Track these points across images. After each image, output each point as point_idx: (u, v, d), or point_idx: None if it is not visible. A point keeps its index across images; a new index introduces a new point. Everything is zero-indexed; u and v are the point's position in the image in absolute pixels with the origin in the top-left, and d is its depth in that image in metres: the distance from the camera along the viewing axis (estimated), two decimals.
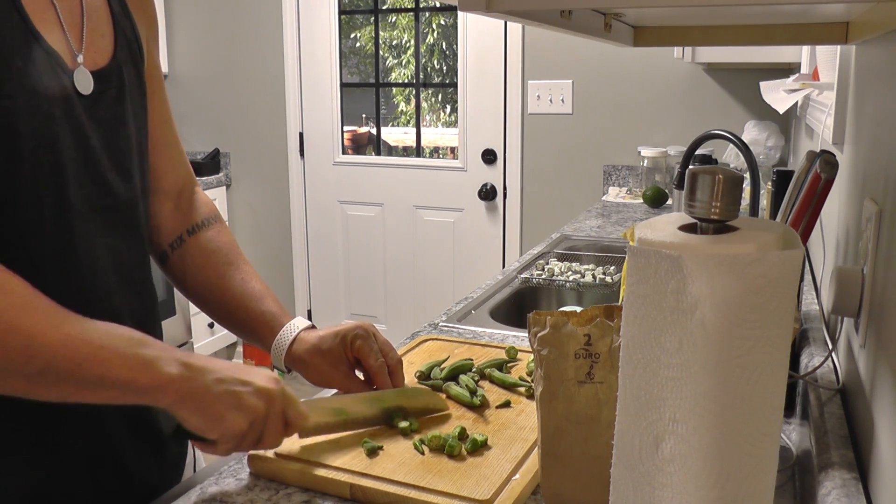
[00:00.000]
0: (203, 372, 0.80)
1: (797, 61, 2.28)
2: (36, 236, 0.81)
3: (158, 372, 0.77)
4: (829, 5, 0.80)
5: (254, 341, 1.05)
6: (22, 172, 0.78)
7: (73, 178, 0.83)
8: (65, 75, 0.82)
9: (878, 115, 0.88)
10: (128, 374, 0.76)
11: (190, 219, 1.06)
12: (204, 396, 0.80)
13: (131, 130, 0.92)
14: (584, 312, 0.75)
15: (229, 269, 1.04)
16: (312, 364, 1.01)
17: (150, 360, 0.78)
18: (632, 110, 3.10)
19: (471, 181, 3.42)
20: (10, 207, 0.78)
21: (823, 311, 1.18)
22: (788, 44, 1.19)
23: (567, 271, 1.84)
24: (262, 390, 0.83)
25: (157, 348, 0.79)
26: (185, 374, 0.79)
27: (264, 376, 0.84)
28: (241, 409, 0.81)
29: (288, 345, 1.01)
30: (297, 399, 0.87)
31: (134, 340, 0.79)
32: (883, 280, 0.76)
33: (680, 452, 0.51)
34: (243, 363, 0.78)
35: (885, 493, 0.67)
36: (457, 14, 3.39)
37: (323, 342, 1.01)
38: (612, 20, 0.94)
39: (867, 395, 0.79)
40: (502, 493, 0.81)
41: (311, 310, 3.84)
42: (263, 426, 0.83)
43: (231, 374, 0.82)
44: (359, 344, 1.00)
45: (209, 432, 0.81)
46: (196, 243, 1.05)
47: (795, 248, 0.51)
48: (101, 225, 0.87)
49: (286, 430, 0.86)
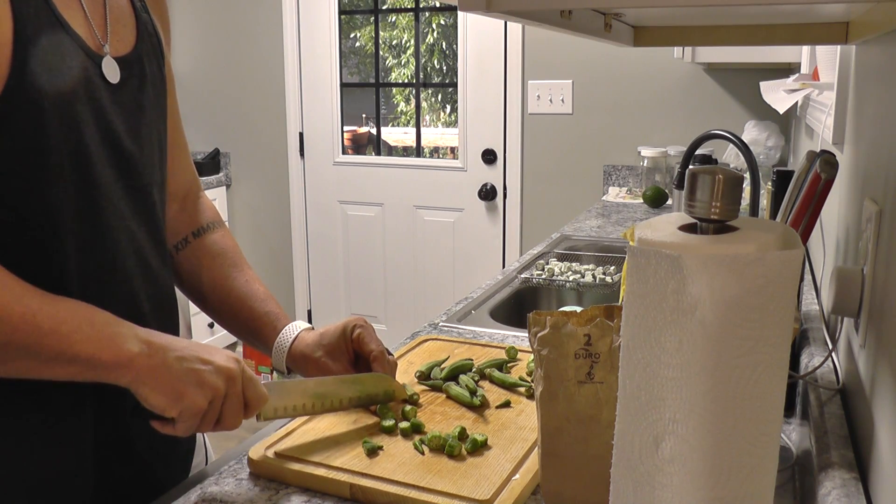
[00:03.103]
0: (164, 349, 0.81)
1: (797, 61, 2.28)
2: (60, 212, 0.81)
3: (120, 349, 0.78)
4: (829, 5, 0.80)
5: (255, 341, 1.06)
6: (47, 148, 0.79)
7: (97, 158, 0.84)
8: (89, 61, 0.83)
9: (878, 115, 0.88)
10: (90, 350, 0.77)
11: (195, 221, 1.09)
12: (164, 374, 0.80)
13: (152, 119, 0.94)
14: (584, 312, 0.75)
15: (233, 272, 1.06)
16: (314, 358, 1.02)
17: (111, 336, 0.78)
18: (632, 110, 3.10)
19: (471, 181, 3.42)
20: (36, 183, 0.79)
21: (823, 311, 1.18)
22: (788, 44, 1.19)
23: (567, 271, 1.84)
24: (222, 369, 0.83)
25: (119, 325, 0.80)
26: (147, 352, 0.79)
27: (225, 355, 0.85)
28: (201, 386, 0.81)
29: (290, 343, 1.03)
30: (258, 380, 0.87)
31: (97, 317, 0.80)
32: (883, 280, 0.76)
33: (680, 452, 0.51)
34: (242, 357, 0.79)
35: (885, 493, 0.67)
36: (457, 14, 3.39)
37: (324, 337, 1.03)
38: (612, 20, 0.94)
39: (867, 395, 0.79)
40: (502, 493, 0.81)
41: (310, 310, 3.84)
42: (222, 405, 0.84)
43: (192, 353, 0.82)
44: (359, 332, 1.02)
45: (168, 410, 0.81)
46: (201, 245, 1.07)
47: (795, 248, 0.51)
48: (122, 207, 0.89)
49: (245, 410, 0.86)
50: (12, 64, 0.76)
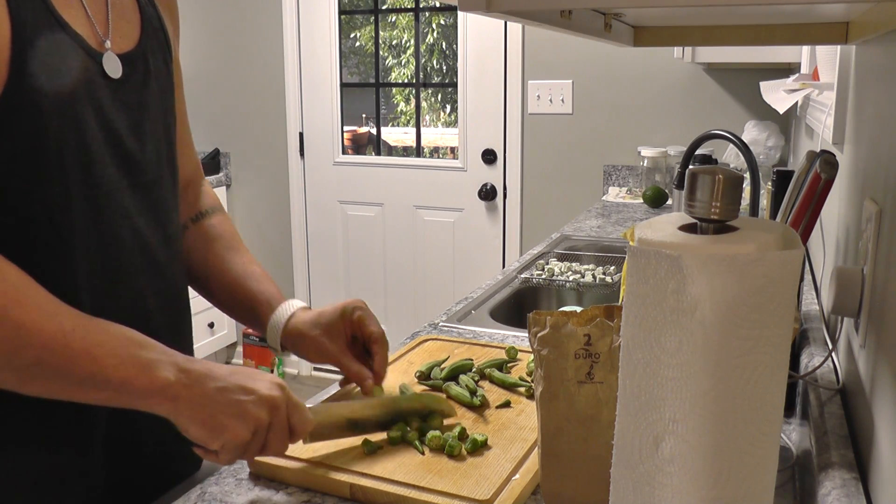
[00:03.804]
0: (204, 379, 0.78)
1: (797, 61, 2.28)
2: (63, 212, 0.81)
3: (154, 375, 0.76)
4: (829, 5, 0.80)
5: (251, 320, 1.06)
6: (48, 149, 0.79)
7: (99, 157, 0.84)
8: (89, 59, 0.83)
9: (878, 115, 0.88)
10: (122, 375, 0.75)
11: (194, 208, 1.10)
12: (204, 405, 0.77)
13: (157, 115, 0.93)
14: (584, 312, 0.75)
15: (230, 254, 1.08)
16: (310, 337, 1.01)
17: (147, 362, 0.76)
18: (632, 110, 3.10)
19: (471, 181, 3.42)
20: (38, 184, 0.79)
21: (823, 311, 1.18)
22: (788, 44, 1.19)
23: (567, 271, 1.84)
24: (265, 399, 0.80)
25: (156, 351, 0.78)
26: (184, 381, 0.77)
27: (269, 383, 0.82)
28: (244, 419, 0.79)
29: (285, 320, 1.02)
30: (303, 405, 0.85)
31: (132, 341, 0.77)
32: (883, 280, 0.76)
33: (680, 452, 0.51)
34: (243, 364, 0.77)
35: (885, 493, 0.67)
36: (457, 14, 3.39)
37: (323, 316, 1.03)
38: (612, 20, 0.94)
39: (867, 395, 0.79)
40: (502, 493, 0.81)
41: None
42: (267, 435, 0.81)
43: (234, 382, 0.80)
44: (359, 315, 1.03)
45: (210, 442, 0.79)
46: (199, 230, 1.09)
47: (795, 248, 0.51)
48: (126, 205, 0.88)
49: (291, 437, 0.84)
50: (11, 66, 0.75)
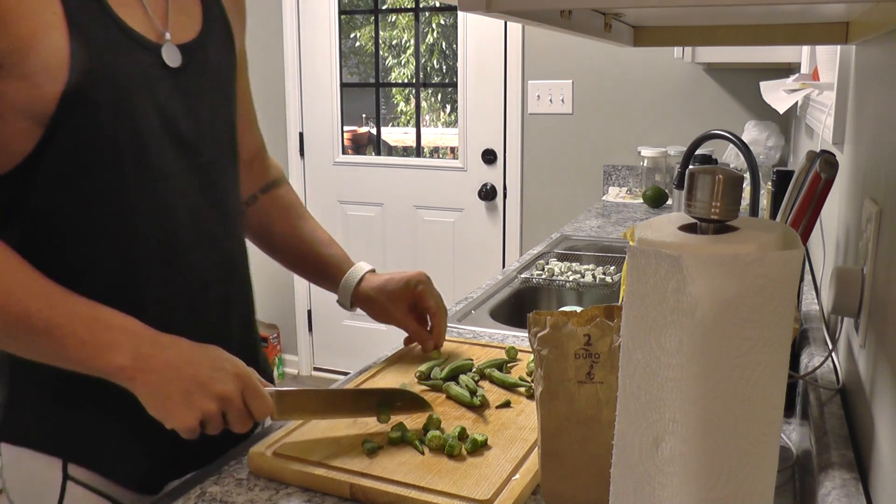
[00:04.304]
0: (160, 367, 0.83)
1: (797, 61, 2.28)
2: (119, 193, 0.89)
3: (110, 359, 0.82)
4: (829, 5, 0.80)
5: (322, 281, 1.21)
6: (102, 139, 0.86)
7: (154, 142, 0.91)
8: (147, 52, 0.90)
9: (878, 115, 0.88)
10: (80, 356, 0.82)
11: (262, 179, 1.21)
12: (155, 391, 0.83)
13: (215, 100, 1.00)
14: (584, 312, 0.75)
15: (299, 221, 1.21)
16: (377, 301, 1.15)
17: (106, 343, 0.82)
18: (632, 110, 3.10)
19: (471, 181, 3.42)
20: (95, 169, 0.87)
21: (823, 311, 1.18)
22: (788, 44, 1.19)
23: (567, 271, 1.84)
24: (215, 394, 0.84)
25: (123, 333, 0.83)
26: (139, 366, 0.82)
27: (226, 374, 0.85)
28: (191, 408, 0.83)
29: (355, 283, 1.16)
30: (263, 393, 0.88)
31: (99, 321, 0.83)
32: (883, 280, 0.76)
33: (680, 452, 0.51)
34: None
35: (885, 493, 0.67)
36: (457, 14, 3.39)
37: (389, 283, 1.15)
38: (612, 20, 0.94)
39: (867, 395, 0.79)
40: (502, 493, 0.81)
41: (310, 310, 3.84)
42: (223, 420, 0.86)
43: (189, 373, 0.84)
44: (421, 288, 1.15)
45: (164, 423, 0.84)
46: (269, 199, 1.21)
47: (795, 248, 0.51)
48: (184, 185, 0.95)
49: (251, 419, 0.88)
50: (69, 68, 0.82)
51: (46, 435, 0.94)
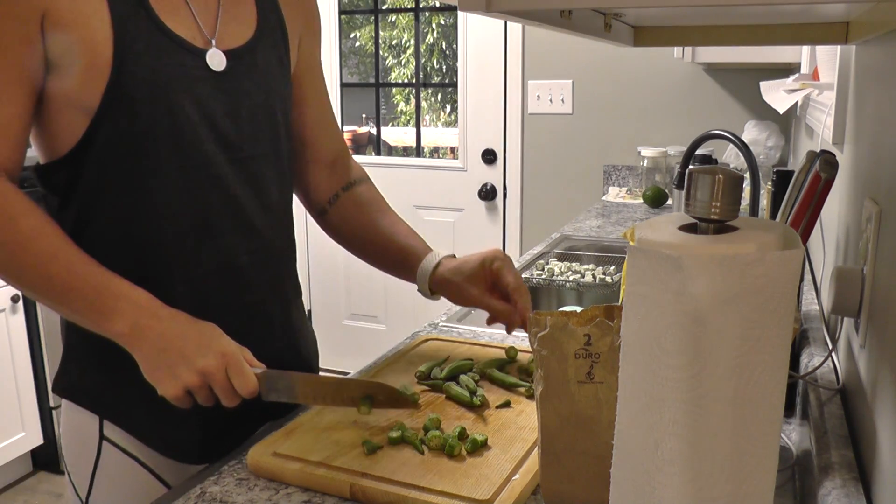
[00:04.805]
0: (154, 337, 0.90)
1: (797, 61, 2.27)
2: (155, 179, 0.97)
3: (110, 325, 0.91)
4: (829, 5, 0.80)
5: (402, 271, 1.21)
6: (140, 130, 0.95)
7: (192, 136, 0.98)
8: (189, 54, 0.98)
9: (878, 115, 0.88)
10: (87, 319, 0.92)
11: (345, 179, 1.25)
12: (148, 359, 0.91)
13: (259, 102, 1.06)
14: (584, 312, 0.75)
15: (379, 216, 1.24)
16: (454, 283, 1.15)
17: (111, 309, 0.91)
18: (632, 110, 3.10)
19: (471, 181, 3.42)
20: (133, 156, 0.96)
21: (823, 311, 1.18)
22: (788, 44, 1.19)
23: (567, 271, 1.84)
24: (198, 370, 0.90)
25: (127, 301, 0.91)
26: (135, 334, 0.90)
27: (211, 352, 0.90)
28: (176, 380, 0.90)
29: (432, 269, 1.17)
30: (247, 371, 0.92)
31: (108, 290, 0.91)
32: (883, 280, 0.76)
33: (680, 452, 0.51)
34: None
35: (885, 493, 0.67)
36: (457, 14, 3.39)
37: (464, 265, 1.15)
38: (612, 20, 0.94)
39: (867, 395, 0.79)
40: (502, 493, 0.81)
41: (311, 310, 3.84)
42: (209, 393, 0.91)
43: (177, 346, 0.90)
44: (497, 265, 1.13)
45: (157, 388, 0.91)
46: (350, 197, 1.24)
47: (795, 248, 0.51)
48: (222, 175, 1.01)
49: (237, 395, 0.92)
50: (112, 67, 0.92)
51: (86, 391, 1.04)
